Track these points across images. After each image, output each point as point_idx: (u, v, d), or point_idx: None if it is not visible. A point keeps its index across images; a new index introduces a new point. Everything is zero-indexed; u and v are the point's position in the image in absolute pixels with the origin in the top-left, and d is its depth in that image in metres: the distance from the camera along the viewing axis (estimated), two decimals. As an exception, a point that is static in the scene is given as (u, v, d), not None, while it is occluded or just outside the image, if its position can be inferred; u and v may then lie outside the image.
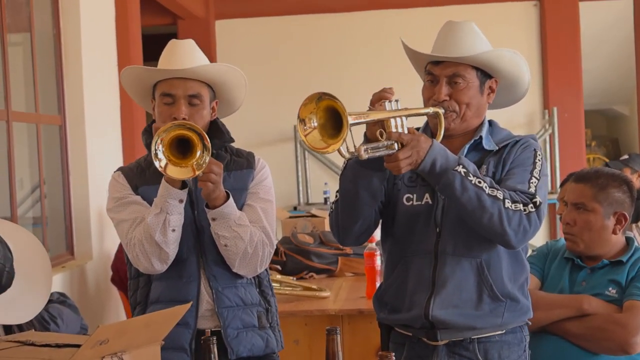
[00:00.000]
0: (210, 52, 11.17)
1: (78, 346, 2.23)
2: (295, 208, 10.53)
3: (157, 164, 3.02)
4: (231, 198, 3.27)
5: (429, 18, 9.93)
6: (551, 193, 10.19)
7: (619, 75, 12.33)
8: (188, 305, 2.57)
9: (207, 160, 3.03)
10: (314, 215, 6.57)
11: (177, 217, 3.24)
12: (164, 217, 3.21)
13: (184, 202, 3.25)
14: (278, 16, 11.28)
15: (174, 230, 3.24)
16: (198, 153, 3.03)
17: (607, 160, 8.39)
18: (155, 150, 3.00)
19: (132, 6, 7.47)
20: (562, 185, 4.01)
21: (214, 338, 2.53)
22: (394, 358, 2.26)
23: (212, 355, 2.47)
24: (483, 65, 3.13)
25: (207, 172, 3.10)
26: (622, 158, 6.80)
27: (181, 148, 3.05)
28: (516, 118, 10.88)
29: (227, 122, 3.59)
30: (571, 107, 11.16)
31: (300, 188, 10.98)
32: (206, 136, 3.03)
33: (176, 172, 3.05)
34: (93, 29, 6.69)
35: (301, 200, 10.95)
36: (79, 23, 6.40)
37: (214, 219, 3.26)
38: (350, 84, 10.23)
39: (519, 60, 3.20)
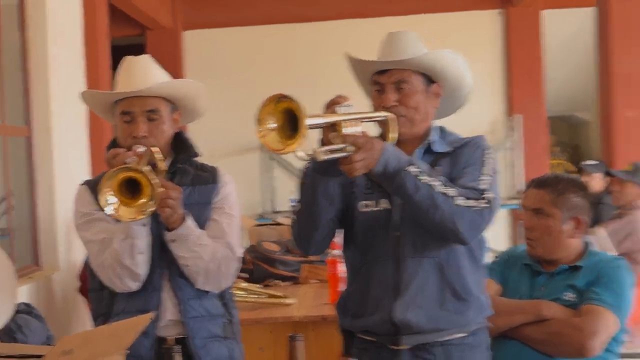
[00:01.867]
0: (178, 63, 11.18)
1: (42, 357, 2.24)
2: (261, 216, 10.55)
3: (108, 210, 3.04)
4: (189, 220, 3.29)
5: (401, 27, 9.97)
6: (514, 199, 10.27)
7: (582, 83, 12.43)
8: (150, 315, 2.59)
9: (149, 212, 3.05)
10: (279, 224, 6.61)
11: (143, 241, 3.26)
12: (130, 242, 3.23)
13: (147, 225, 3.27)
14: (245, 26, 11.34)
15: (141, 253, 3.27)
16: (142, 200, 3.05)
17: (593, 162, 8.50)
18: (105, 199, 3.02)
19: (100, 17, 7.45)
20: (524, 191, 4.07)
21: (179, 347, 2.54)
22: (352, 360, 2.29)
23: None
24: (426, 69, 3.19)
25: (164, 198, 3.13)
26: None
27: (131, 187, 3.06)
28: (480, 125, 10.93)
29: (196, 132, 3.60)
30: (534, 114, 11.28)
31: (267, 197, 11.01)
32: (155, 182, 3.04)
33: (127, 212, 3.06)
34: (60, 39, 6.65)
35: (267, 208, 10.97)
36: (45, 34, 6.36)
37: (172, 241, 3.29)
38: (319, 93, 10.24)
39: (460, 62, 3.27)
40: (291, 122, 2.72)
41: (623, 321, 3.68)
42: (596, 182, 7.44)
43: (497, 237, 10.15)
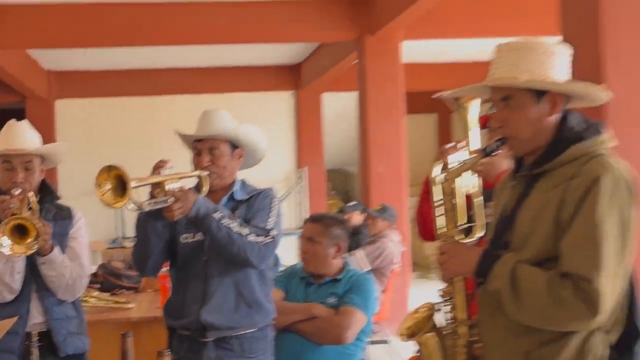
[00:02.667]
0: (50, 126, 10.86)
1: None
2: (114, 241, 10.31)
3: (5, 250, 3.01)
4: (56, 248, 3.28)
5: (219, 103, 10.04)
6: (301, 229, 10.38)
7: (350, 145, 12.75)
8: (15, 319, 2.55)
9: (35, 248, 3.05)
10: (125, 247, 6.52)
11: (21, 263, 3.23)
12: (11, 265, 3.20)
13: None
14: (102, 97, 11.15)
15: (19, 272, 3.24)
16: (29, 240, 3.04)
17: (343, 205, 8.71)
18: (1, 242, 3.00)
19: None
20: (303, 225, 4.16)
21: (36, 341, 2.49)
22: (166, 353, 2.30)
23: (33, 357, 2.44)
24: (230, 139, 3.26)
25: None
26: (377, 209, 7.05)
27: (20, 229, 3.05)
28: (278, 174, 11.11)
29: (66, 176, 3.56)
30: (316, 167, 11.50)
31: (118, 226, 10.77)
32: (39, 226, 3.05)
33: (19, 249, 3.04)
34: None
35: (119, 234, 10.73)
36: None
37: (43, 263, 3.25)
38: (159, 151, 10.17)
39: (256, 133, 3.35)
40: (122, 184, 2.78)
41: (369, 318, 3.80)
42: (356, 217, 7.59)
43: (289, 256, 10.25)
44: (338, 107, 12.37)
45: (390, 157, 7.78)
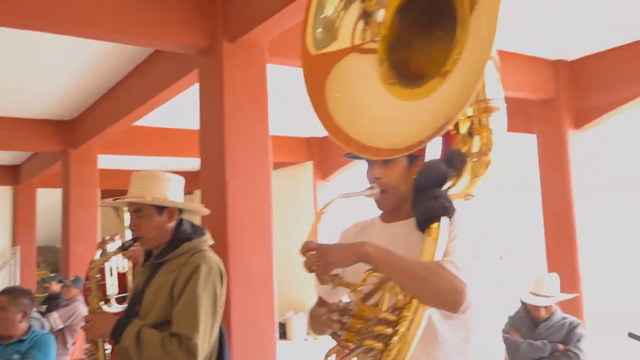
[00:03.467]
0: None
1: None
2: None
3: None
4: None
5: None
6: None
7: (56, 221, 11.95)
8: None
9: None
10: None
11: None
12: None
13: None
14: None
15: None
16: None
17: (47, 275, 8.07)
18: None
19: None
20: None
21: None
22: None
23: None
24: None
25: None
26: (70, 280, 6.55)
27: None
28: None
29: None
30: (29, 245, 10.55)
31: None
32: None
33: None
34: None
35: None
36: None
37: None
38: None
39: None
40: None
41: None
42: (54, 286, 7.02)
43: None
44: (51, 198, 11.54)
45: (86, 240, 7.46)
